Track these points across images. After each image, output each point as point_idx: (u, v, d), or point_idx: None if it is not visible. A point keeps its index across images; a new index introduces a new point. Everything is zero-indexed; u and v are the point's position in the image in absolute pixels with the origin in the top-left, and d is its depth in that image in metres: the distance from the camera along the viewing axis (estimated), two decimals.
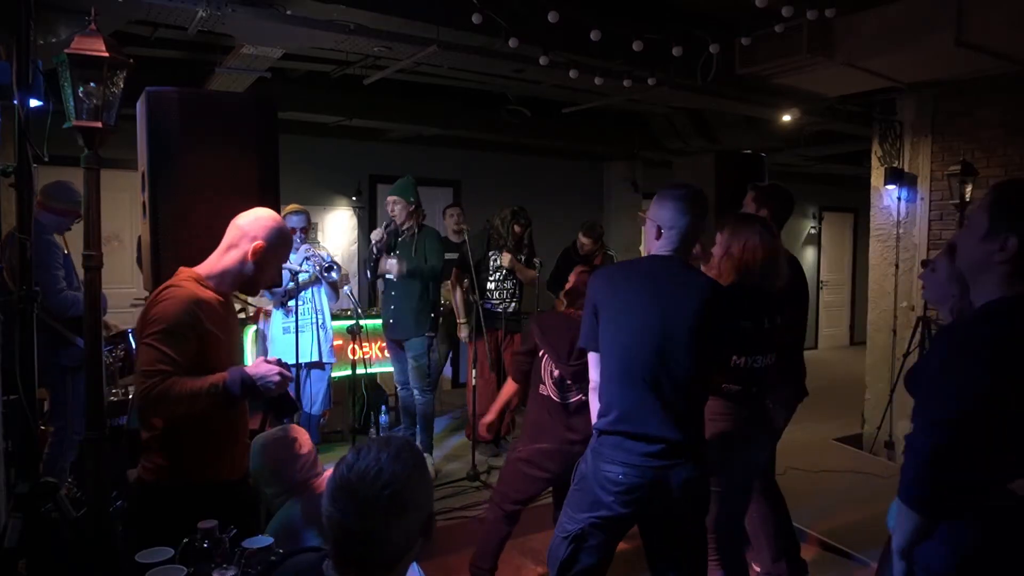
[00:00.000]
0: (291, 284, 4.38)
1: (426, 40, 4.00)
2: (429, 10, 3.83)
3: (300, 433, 2.63)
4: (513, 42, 3.93)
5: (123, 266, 5.89)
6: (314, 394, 4.61)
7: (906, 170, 5.68)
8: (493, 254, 5.43)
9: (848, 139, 7.05)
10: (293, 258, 4.29)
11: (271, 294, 4.51)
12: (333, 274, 4.56)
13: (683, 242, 2.30)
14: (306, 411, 4.60)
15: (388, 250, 4.80)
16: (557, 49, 4.24)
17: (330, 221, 7.22)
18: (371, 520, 1.25)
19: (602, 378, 2.33)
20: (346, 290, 4.76)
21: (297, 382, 4.31)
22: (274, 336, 4.64)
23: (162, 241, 2.45)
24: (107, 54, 2.43)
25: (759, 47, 4.45)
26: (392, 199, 4.75)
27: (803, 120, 6.09)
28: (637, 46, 4.16)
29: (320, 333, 4.61)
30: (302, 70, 5.49)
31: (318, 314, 4.63)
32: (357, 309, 4.72)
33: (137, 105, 2.54)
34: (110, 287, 3.62)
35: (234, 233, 2.20)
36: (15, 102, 2.54)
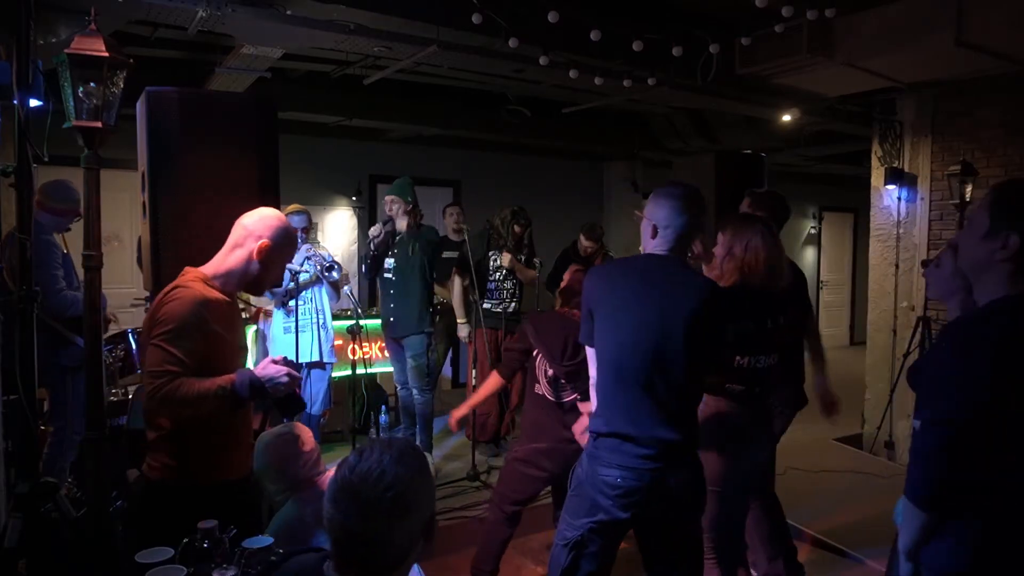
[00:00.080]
0: (291, 284, 4.38)
1: (426, 40, 4.00)
2: (429, 10, 3.84)
3: (303, 431, 2.68)
4: (513, 42, 3.93)
5: (123, 266, 5.89)
6: (314, 394, 4.62)
7: (906, 170, 5.68)
8: (493, 254, 5.43)
9: (848, 139, 7.05)
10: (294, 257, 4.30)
11: (272, 294, 4.51)
12: (334, 274, 4.57)
13: (679, 241, 2.28)
14: (306, 411, 4.60)
15: (386, 249, 4.86)
16: (557, 49, 4.24)
17: (330, 221, 7.23)
18: (373, 522, 1.25)
19: (598, 378, 2.31)
20: (346, 290, 4.77)
21: None
22: (275, 336, 4.64)
23: (162, 241, 2.46)
24: (107, 54, 2.44)
25: (759, 47, 4.45)
26: (390, 199, 4.82)
27: (803, 120, 6.08)
28: (637, 46, 4.16)
29: (321, 333, 4.62)
30: (302, 70, 5.50)
31: (319, 314, 4.63)
32: (357, 309, 4.72)
33: (137, 105, 2.54)
34: (110, 287, 3.62)
35: (239, 233, 2.19)
36: (15, 102, 2.54)
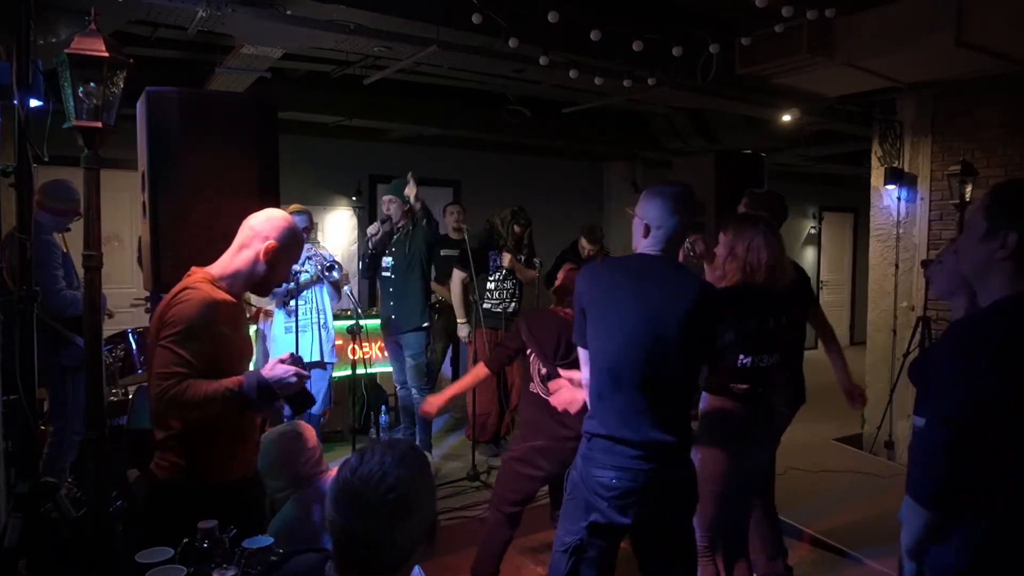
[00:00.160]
0: (292, 284, 4.38)
1: (426, 40, 4.00)
2: (429, 10, 3.84)
3: (307, 429, 2.77)
4: (513, 42, 3.93)
5: (123, 266, 5.89)
6: (315, 394, 4.61)
7: (906, 170, 5.68)
8: (493, 254, 5.42)
9: (848, 139, 7.04)
10: None
11: (272, 294, 4.51)
12: (334, 274, 4.59)
13: (671, 242, 2.27)
14: (307, 410, 4.60)
15: (384, 248, 4.91)
16: (557, 49, 4.23)
17: (330, 221, 7.22)
18: (375, 524, 1.25)
19: (591, 378, 2.29)
20: (346, 290, 4.78)
21: None
22: (276, 335, 4.65)
23: (162, 241, 2.46)
24: (107, 54, 2.44)
25: (759, 47, 4.45)
26: (388, 198, 4.88)
27: (803, 120, 6.08)
28: (637, 46, 4.16)
29: (322, 333, 4.63)
30: (302, 70, 5.50)
31: (320, 314, 4.64)
32: (357, 309, 4.73)
33: (137, 105, 2.54)
34: (110, 287, 3.63)
35: (246, 233, 2.19)
36: (15, 102, 2.54)
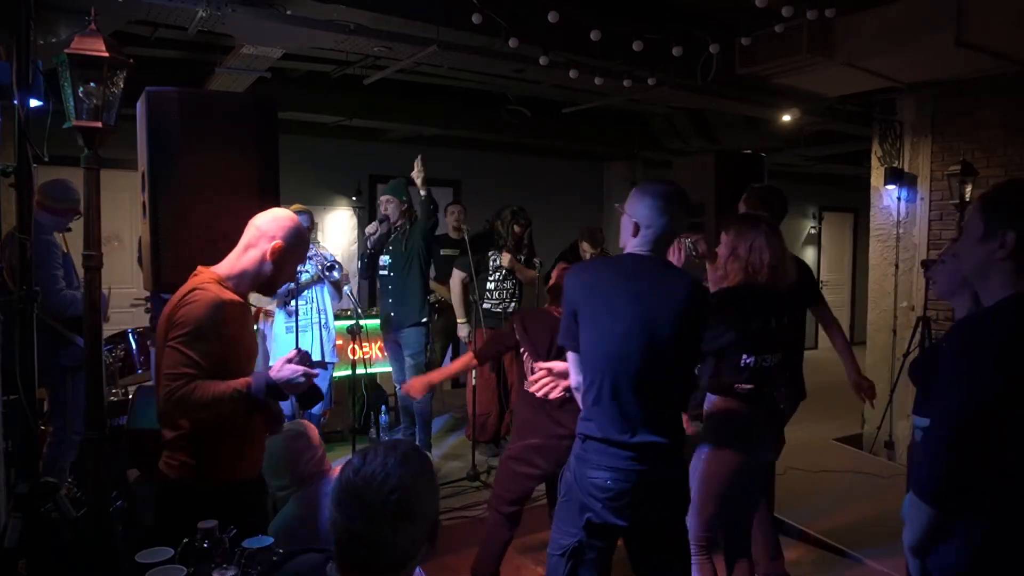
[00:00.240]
0: (292, 284, 4.39)
1: (426, 40, 4.00)
2: (429, 10, 3.83)
3: (311, 428, 2.87)
4: (513, 42, 3.93)
5: (123, 266, 5.88)
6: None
7: (906, 170, 5.68)
8: (493, 254, 5.43)
9: (848, 139, 7.04)
10: None
11: (273, 294, 4.52)
12: (335, 273, 4.60)
13: (660, 242, 2.27)
14: (307, 410, 4.61)
15: (382, 247, 4.93)
16: (557, 49, 4.23)
17: (330, 221, 7.22)
18: (377, 525, 1.25)
19: (585, 380, 2.26)
20: (346, 290, 4.79)
21: None
22: (277, 335, 4.66)
23: (162, 241, 2.46)
24: (107, 54, 2.44)
25: (759, 47, 4.45)
26: (385, 198, 4.93)
27: (803, 120, 6.08)
28: (637, 46, 4.15)
29: (323, 333, 4.64)
30: (302, 70, 5.49)
31: (321, 314, 4.65)
32: (357, 309, 4.73)
33: (137, 105, 2.54)
34: (110, 287, 3.62)
35: (252, 234, 2.20)
36: (15, 102, 2.54)
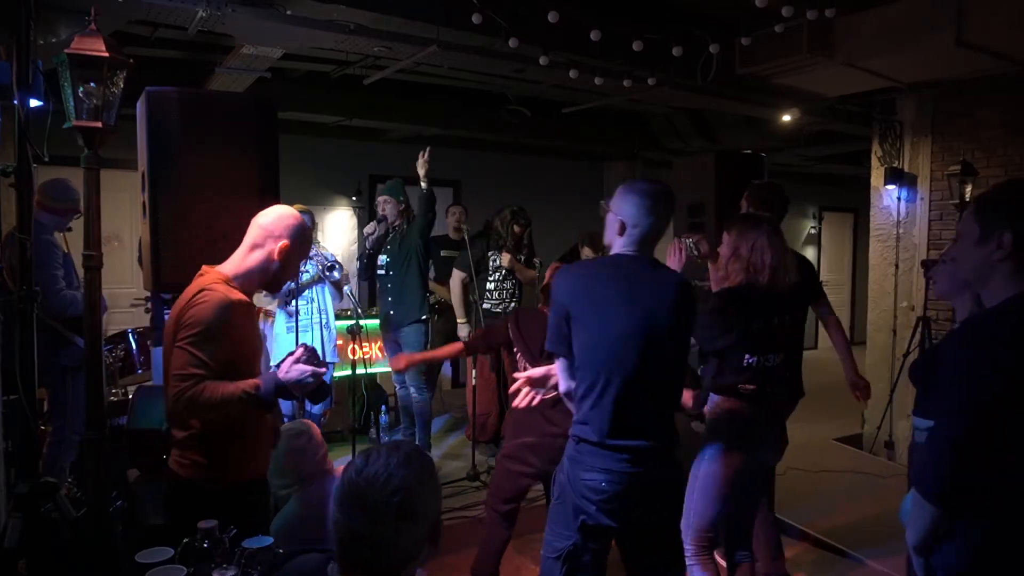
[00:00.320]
0: (292, 284, 4.39)
1: (426, 40, 4.00)
2: (429, 10, 3.83)
3: (314, 427, 2.94)
4: (513, 42, 3.93)
5: (123, 266, 5.88)
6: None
7: (906, 170, 5.67)
8: (493, 254, 5.43)
9: (848, 139, 7.04)
10: None
11: (273, 296, 4.52)
12: (335, 273, 4.62)
13: (646, 242, 2.24)
14: (307, 410, 4.61)
15: (380, 247, 4.94)
16: (557, 49, 4.23)
17: (330, 221, 7.22)
18: (379, 526, 1.25)
19: (581, 384, 2.21)
20: (347, 289, 4.80)
21: None
22: (278, 334, 4.68)
23: (162, 241, 2.47)
24: (107, 54, 2.44)
25: (759, 47, 4.45)
26: (382, 199, 4.95)
27: (803, 120, 6.08)
28: (637, 46, 4.15)
29: (324, 333, 4.65)
30: (302, 70, 5.49)
31: (322, 314, 4.67)
32: (357, 309, 4.73)
33: (137, 105, 2.55)
34: (110, 287, 3.62)
35: (257, 233, 2.20)
36: (15, 102, 2.54)
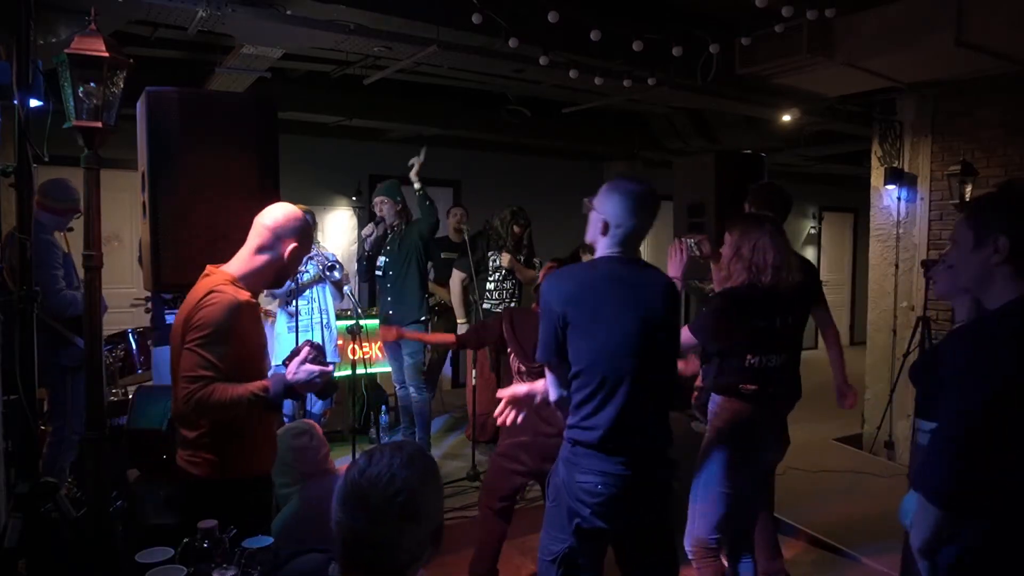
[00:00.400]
0: (292, 284, 4.40)
1: (426, 40, 4.00)
2: (429, 10, 3.83)
3: (315, 427, 2.99)
4: (513, 42, 3.93)
5: (123, 266, 5.88)
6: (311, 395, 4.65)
7: (906, 170, 5.67)
8: (493, 254, 5.43)
9: (848, 139, 7.04)
10: None
11: (273, 295, 4.54)
12: (336, 273, 4.63)
13: (631, 242, 2.23)
14: (307, 410, 4.62)
15: (379, 249, 4.94)
16: (557, 49, 4.23)
17: (330, 221, 7.22)
18: (382, 526, 1.25)
19: (579, 390, 2.17)
20: (347, 289, 4.80)
21: None
22: (279, 334, 4.69)
23: (162, 241, 2.46)
24: (107, 54, 2.44)
25: (759, 47, 4.45)
26: (379, 199, 4.94)
27: (803, 120, 6.08)
28: (637, 46, 4.15)
29: (325, 332, 4.66)
30: (302, 70, 5.49)
31: (323, 314, 4.68)
32: (357, 309, 4.74)
33: (137, 105, 2.54)
34: (110, 287, 3.62)
35: (265, 236, 2.21)
36: (15, 102, 2.54)
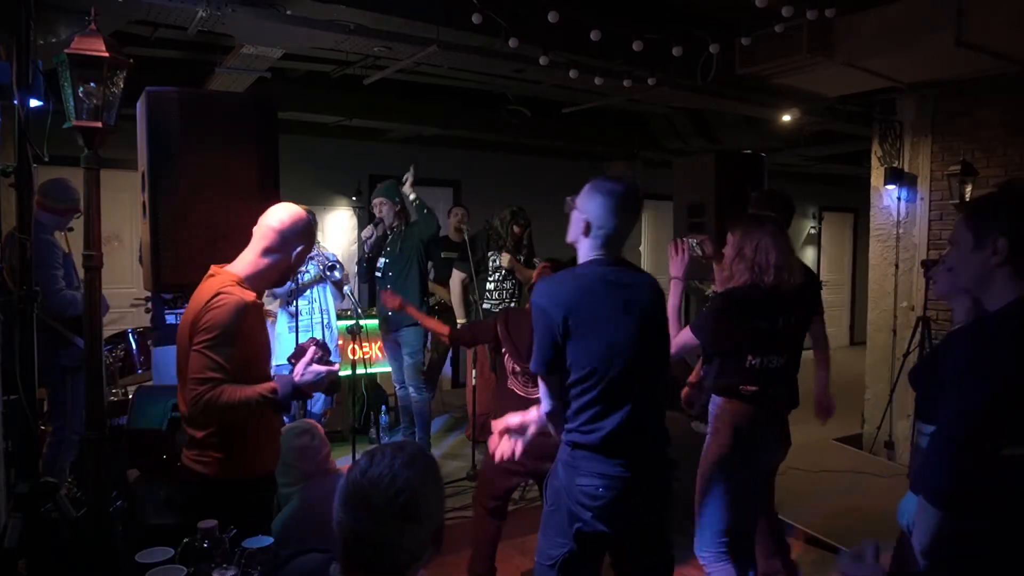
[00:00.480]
0: (293, 284, 4.40)
1: (426, 40, 4.00)
2: (429, 10, 3.83)
3: (317, 426, 3.02)
4: (513, 42, 3.93)
5: (123, 266, 5.89)
6: (316, 393, 4.65)
7: (906, 170, 5.67)
8: (493, 254, 5.43)
9: (848, 139, 7.04)
10: None
11: (273, 295, 4.54)
12: (336, 273, 4.63)
13: (614, 243, 2.21)
14: (308, 409, 4.62)
15: (380, 251, 4.93)
16: (557, 49, 4.23)
17: (330, 221, 7.22)
18: (383, 526, 1.25)
19: (579, 396, 2.14)
20: (347, 289, 4.81)
21: None
22: (280, 334, 4.69)
23: (162, 241, 2.47)
24: (107, 54, 2.44)
25: (759, 47, 4.45)
26: (378, 201, 4.93)
27: (803, 120, 6.08)
28: (637, 46, 4.15)
29: (325, 332, 4.66)
30: (302, 70, 5.49)
31: (324, 314, 4.69)
32: (357, 309, 4.74)
33: (137, 105, 2.55)
34: (110, 287, 3.62)
35: (272, 237, 2.21)
36: (15, 102, 2.54)
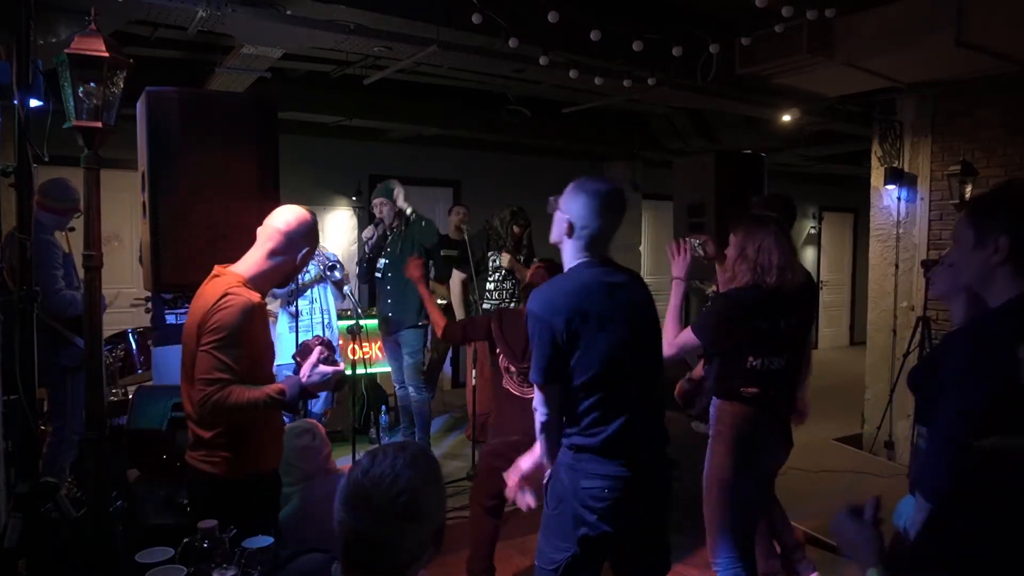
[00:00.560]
0: (293, 285, 4.40)
1: (426, 40, 4.00)
2: (429, 10, 3.83)
3: (318, 426, 3.04)
4: (513, 42, 3.93)
5: (123, 266, 5.89)
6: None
7: (906, 170, 5.67)
8: (493, 254, 5.43)
9: (848, 139, 7.04)
10: None
11: (273, 295, 4.54)
12: (337, 273, 4.63)
13: (598, 244, 2.19)
14: (308, 409, 4.62)
15: (380, 251, 4.94)
16: (557, 49, 4.23)
17: (330, 221, 7.22)
18: (384, 526, 1.25)
19: (582, 401, 2.11)
20: (347, 289, 4.81)
21: None
22: (280, 334, 4.69)
23: (162, 241, 2.47)
24: (107, 54, 2.44)
25: (759, 47, 4.45)
26: (378, 201, 4.93)
27: (803, 120, 6.08)
28: (637, 46, 4.16)
29: (326, 332, 4.67)
30: (302, 70, 5.49)
31: (324, 314, 4.70)
32: (357, 309, 4.74)
33: (137, 105, 2.55)
34: (110, 287, 3.63)
35: (277, 239, 2.21)
36: (15, 102, 2.55)
